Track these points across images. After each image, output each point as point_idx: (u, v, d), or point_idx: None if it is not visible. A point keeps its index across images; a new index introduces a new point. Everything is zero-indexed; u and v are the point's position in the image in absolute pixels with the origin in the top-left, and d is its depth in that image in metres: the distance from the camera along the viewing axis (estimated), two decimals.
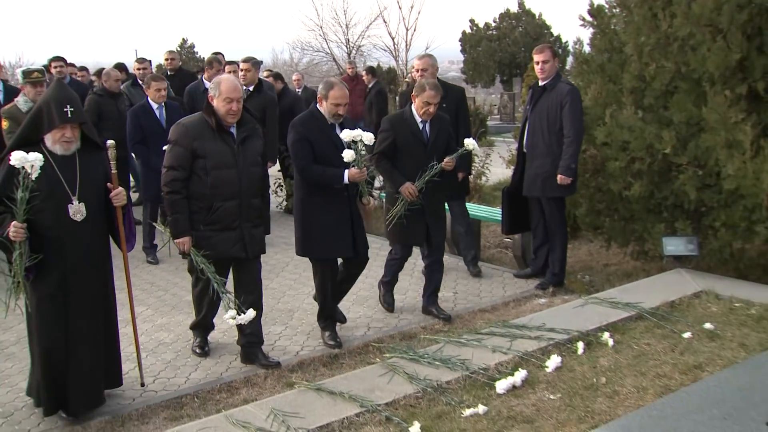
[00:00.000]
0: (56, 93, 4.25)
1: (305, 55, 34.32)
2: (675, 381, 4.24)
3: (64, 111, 4.14)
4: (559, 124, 6.37)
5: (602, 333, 4.93)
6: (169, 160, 4.82)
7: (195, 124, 4.84)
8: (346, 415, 3.82)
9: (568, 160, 6.33)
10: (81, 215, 4.22)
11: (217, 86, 4.80)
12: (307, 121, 5.27)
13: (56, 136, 4.20)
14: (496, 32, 32.35)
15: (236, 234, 4.87)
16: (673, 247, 6.33)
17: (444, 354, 4.53)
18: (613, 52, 7.16)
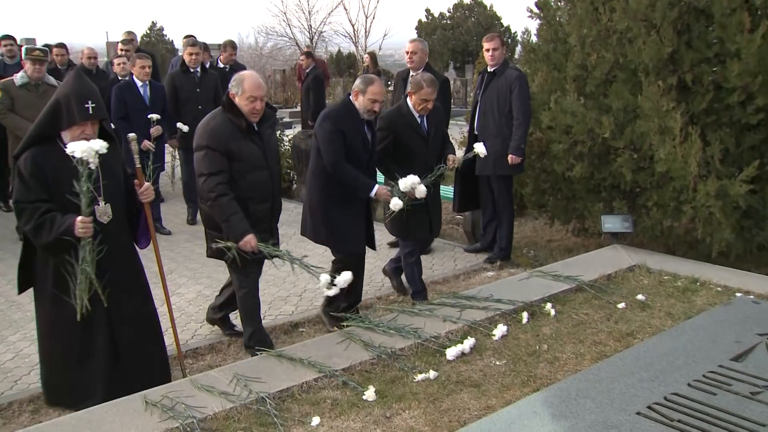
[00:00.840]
0: (77, 86, 3.76)
1: (269, 40, 33.98)
2: (609, 347, 4.32)
3: (86, 107, 3.70)
4: (508, 107, 6.43)
5: (545, 304, 5.00)
6: (206, 166, 4.26)
7: (223, 125, 4.31)
8: (305, 380, 3.82)
9: (518, 140, 6.39)
10: (108, 217, 3.84)
11: (240, 84, 4.31)
12: (342, 113, 4.91)
13: (75, 134, 3.71)
14: (450, 22, 32.28)
15: (267, 234, 4.53)
16: (611, 225, 6.43)
17: (398, 323, 4.54)
18: (558, 42, 7.22)
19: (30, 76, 7.04)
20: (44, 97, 7.11)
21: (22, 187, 3.73)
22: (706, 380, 3.57)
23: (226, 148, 4.25)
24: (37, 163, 3.72)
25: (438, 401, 3.67)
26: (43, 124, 3.81)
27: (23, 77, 7.06)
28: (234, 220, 4.27)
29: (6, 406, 4.09)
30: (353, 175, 4.84)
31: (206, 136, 4.30)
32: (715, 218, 5.78)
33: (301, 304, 5.63)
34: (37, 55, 7.01)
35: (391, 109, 5.62)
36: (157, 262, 4.30)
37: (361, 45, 30.97)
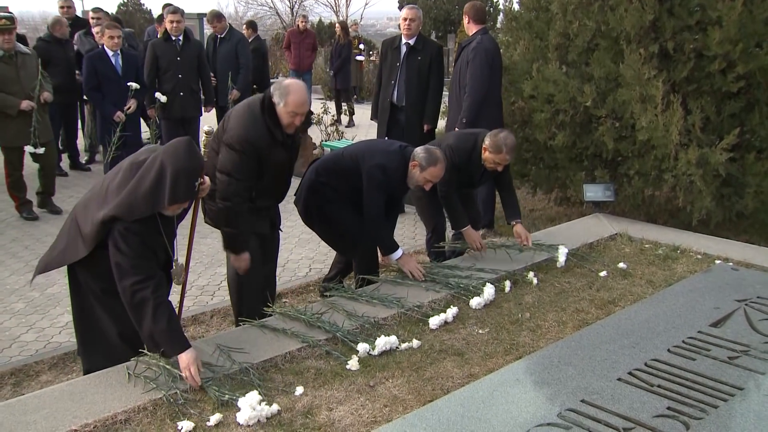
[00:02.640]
0: (187, 163, 3.36)
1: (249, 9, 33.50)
2: (591, 315, 4.36)
3: (193, 185, 3.39)
4: (465, 79, 6.35)
5: (527, 272, 5.02)
6: (236, 170, 4.04)
7: (261, 132, 4.06)
8: (289, 350, 3.81)
9: (462, 114, 6.31)
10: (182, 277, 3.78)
11: (285, 96, 4.03)
12: (396, 177, 4.72)
13: (174, 208, 3.45)
14: None
15: (266, 212, 4.44)
16: (592, 194, 6.45)
17: (381, 293, 4.55)
18: (540, 10, 7.17)
19: (1, 48, 6.78)
20: (24, 68, 6.91)
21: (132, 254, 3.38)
22: (686, 346, 3.62)
23: (259, 154, 4.07)
24: (141, 237, 3.40)
25: (421, 370, 3.68)
26: (150, 198, 3.35)
27: None
28: (237, 235, 4.18)
29: None
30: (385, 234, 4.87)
31: (245, 142, 4.03)
32: (696, 186, 5.81)
33: (283, 275, 5.61)
34: (4, 24, 6.72)
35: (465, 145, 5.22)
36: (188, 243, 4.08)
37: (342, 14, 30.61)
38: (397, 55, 6.93)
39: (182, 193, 3.35)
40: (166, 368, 3.50)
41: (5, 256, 6.19)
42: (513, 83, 7.09)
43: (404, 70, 6.85)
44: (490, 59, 6.28)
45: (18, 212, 7.34)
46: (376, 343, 3.87)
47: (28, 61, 7.02)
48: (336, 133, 10.07)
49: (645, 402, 3.09)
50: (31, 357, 4.34)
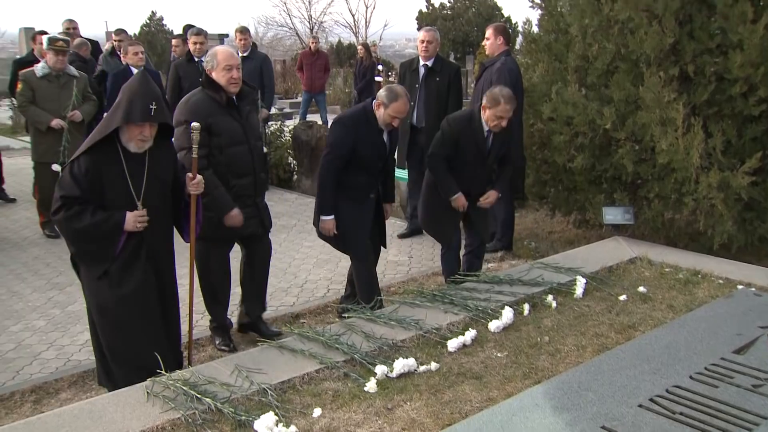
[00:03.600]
0: (143, 87, 3.73)
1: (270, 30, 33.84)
2: (611, 339, 4.31)
3: (149, 108, 3.67)
4: None
5: (546, 295, 4.99)
6: (186, 140, 4.20)
7: (202, 100, 4.39)
8: (307, 371, 3.81)
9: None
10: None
11: (214, 57, 4.41)
12: (358, 119, 4.82)
13: (134, 134, 3.72)
14: (451, 12, 32.17)
15: (252, 210, 4.59)
16: (612, 216, 6.41)
17: (399, 314, 4.53)
18: (559, 32, 7.17)
19: (52, 67, 7.02)
20: (66, 89, 7.12)
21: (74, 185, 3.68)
22: (708, 373, 3.57)
23: (205, 122, 4.26)
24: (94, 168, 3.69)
25: (440, 393, 3.66)
26: (107, 121, 3.74)
27: (44, 68, 7.02)
28: (217, 194, 4.35)
29: (8, 396, 4.08)
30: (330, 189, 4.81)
31: (185, 111, 4.35)
32: (717, 210, 5.76)
33: (302, 295, 5.62)
34: (60, 46, 6.99)
35: (463, 113, 5.40)
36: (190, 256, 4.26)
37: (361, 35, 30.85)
38: (416, 76, 6.97)
39: (138, 113, 3.63)
40: (184, 389, 3.50)
41: (27, 273, 6.25)
42: (532, 105, 7.09)
43: (423, 91, 6.87)
44: (514, 80, 6.33)
45: (41, 229, 7.42)
46: (395, 366, 3.85)
47: (71, 83, 7.21)
48: None
49: (667, 430, 3.04)
50: (51, 374, 4.36)
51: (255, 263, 4.88)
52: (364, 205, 4.96)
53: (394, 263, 6.37)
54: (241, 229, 4.55)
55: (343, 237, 4.95)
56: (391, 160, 5.12)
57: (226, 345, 4.80)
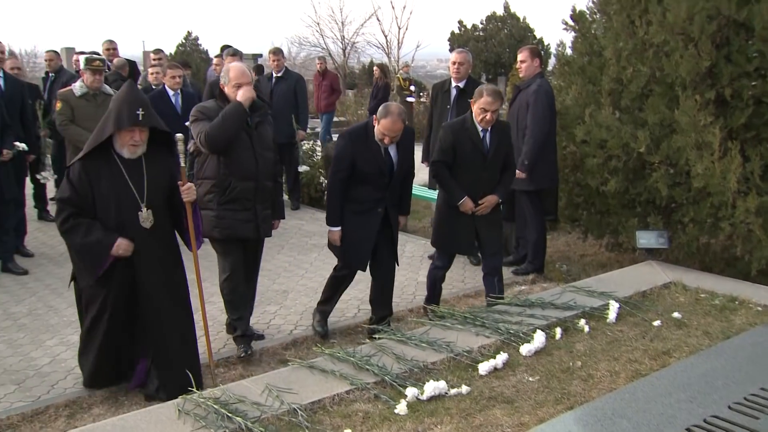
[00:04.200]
0: (129, 95, 4.02)
1: (303, 50, 34.15)
2: (645, 366, 4.24)
3: (136, 113, 3.92)
4: (525, 121, 6.36)
5: (578, 320, 4.92)
6: (198, 129, 4.59)
7: (213, 109, 4.68)
8: (337, 392, 3.79)
9: (523, 156, 6.31)
10: (149, 222, 4.06)
11: (227, 74, 4.71)
12: (359, 134, 4.94)
13: (125, 139, 3.97)
14: (483, 33, 32.22)
15: (249, 214, 4.76)
16: (645, 240, 6.32)
17: (430, 336, 4.50)
18: (593, 55, 7.14)
19: (89, 86, 7.14)
20: (103, 107, 7.21)
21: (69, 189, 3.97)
22: (748, 403, 3.47)
23: (210, 119, 4.57)
24: (87, 173, 3.96)
25: (471, 417, 3.62)
26: (99, 129, 4.02)
27: (82, 87, 7.15)
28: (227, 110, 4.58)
29: (42, 410, 4.12)
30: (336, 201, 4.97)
31: (197, 111, 4.70)
32: (755, 235, 5.66)
33: (332, 315, 5.60)
34: (96, 66, 7.13)
35: (457, 118, 5.54)
36: (195, 269, 4.34)
37: (393, 56, 30.98)
38: (448, 97, 6.97)
39: (125, 119, 3.90)
40: (215, 407, 3.51)
41: (63, 288, 6.33)
42: (565, 128, 7.05)
43: (454, 112, 6.87)
44: (551, 102, 6.33)
45: None
46: (425, 388, 3.82)
47: (108, 102, 7.30)
48: None
49: None
50: (85, 390, 4.40)
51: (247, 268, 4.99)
52: (369, 218, 5.00)
53: (425, 285, 6.33)
54: (237, 231, 4.73)
55: (343, 248, 5.05)
56: (408, 175, 5.18)
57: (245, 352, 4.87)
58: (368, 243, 5.04)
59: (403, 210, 5.31)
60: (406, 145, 5.02)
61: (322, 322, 5.30)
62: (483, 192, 5.25)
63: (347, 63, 32.74)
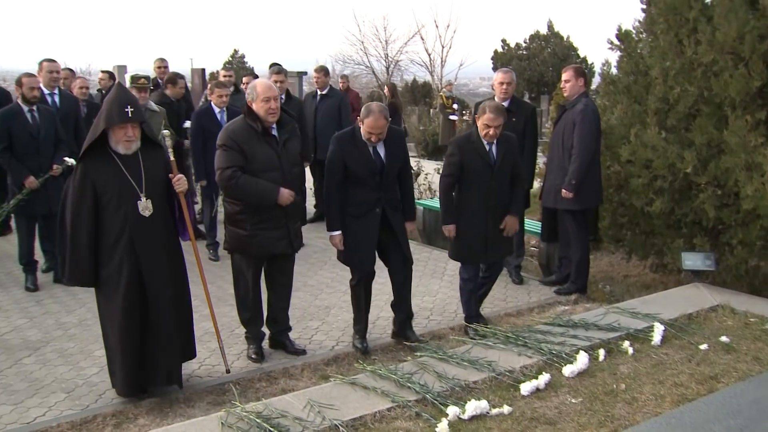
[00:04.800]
0: (118, 94, 4.27)
1: (346, 68, 34.41)
2: (692, 390, 4.14)
3: (125, 110, 4.16)
4: (571, 141, 6.29)
5: (622, 341, 4.84)
6: (222, 162, 4.70)
7: (241, 128, 4.75)
8: (378, 409, 3.79)
9: (570, 175, 6.24)
10: (149, 211, 4.28)
11: (254, 89, 4.74)
12: (346, 137, 5.09)
13: (119, 135, 4.22)
14: (526, 52, 32.15)
15: (282, 232, 4.86)
16: (692, 262, 6.20)
17: (472, 355, 4.48)
18: (638, 74, 7.06)
19: None
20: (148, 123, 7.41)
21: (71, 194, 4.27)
22: None
23: (240, 148, 4.66)
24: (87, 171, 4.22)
25: None
26: (93, 128, 4.29)
27: None
28: (261, 186, 4.67)
29: (90, 418, 4.20)
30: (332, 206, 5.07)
31: (224, 137, 4.74)
32: None
33: (373, 332, 5.60)
34: (141, 83, 7.33)
35: (462, 134, 5.69)
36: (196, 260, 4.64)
37: (436, 74, 31.07)
38: None
39: (116, 115, 4.14)
40: (257, 421, 3.53)
41: None
42: (609, 147, 6.97)
43: None
44: (597, 122, 6.27)
45: None
46: (467, 407, 3.79)
47: (155, 117, 7.51)
48: (428, 191, 10.13)
49: None
50: (131, 400, 4.46)
51: (277, 283, 5.13)
52: (367, 219, 5.08)
53: None
54: (271, 248, 4.83)
55: (346, 252, 5.14)
56: (406, 176, 5.31)
57: (256, 354, 5.05)
58: (371, 243, 5.13)
59: (408, 215, 5.36)
60: (396, 143, 5.15)
61: (361, 339, 5.32)
62: (494, 202, 5.38)
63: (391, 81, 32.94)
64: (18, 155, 6.48)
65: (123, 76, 12.28)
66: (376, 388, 3.97)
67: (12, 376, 4.75)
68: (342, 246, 5.11)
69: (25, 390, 4.55)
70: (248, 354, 5.10)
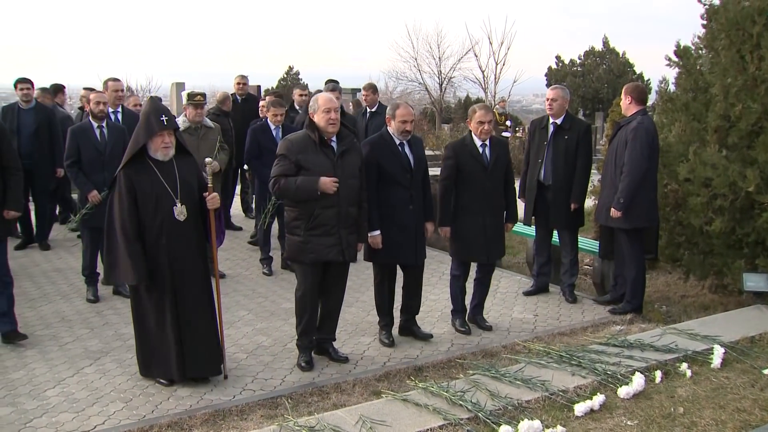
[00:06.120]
0: (153, 106, 4.70)
1: (399, 84, 34.60)
2: (755, 417, 4.01)
3: (161, 119, 4.56)
4: (624, 158, 6.19)
5: (680, 363, 4.73)
6: (276, 171, 4.96)
7: (299, 139, 4.98)
8: (431, 427, 3.77)
9: (619, 194, 6.12)
10: (183, 216, 4.63)
11: (315, 102, 4.98)
12: (376, 141, 5.46)
13: (158, 143, 4.60)
14: (581, 68, 31.87)
15: (334, 239, 4.97)
16: (754, 283, 6.02)
17: (525, 374, 4.43)
18: (698, 91, 6.92)
19: (191, 120, 7.50)
20: (204, 140, 7.59)
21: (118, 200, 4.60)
22: None
23: (296, 158, 4.87)
24: (130, 179, 4.55)
25: None
26: (133, 140, 4.64)
27: (185, 121, 7.48)
28: (301, 182, 4.84)
29: (147, 428, 4.28)
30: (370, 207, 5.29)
31: (283, 147, 4.99)
32: None
33: (426, 348, 5.59)
34: (198, 100, 7.54)
35: (456, 139, 6.19)
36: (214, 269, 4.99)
37: (490, 91, 30.95)
38: (545, 134, 6.88)
39: (155, 125, 4.53)
40: None
41: None
42: (666, 165, 6.83)
43: (551, 148, 6.78)
44: (651, 140, 6.12)
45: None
46: (520, 427, 3.75)
47: (210, 134, 7.71)
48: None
49: None
50: (186, 412, 4.54)
51: (329, 291, 5.23)
52: (404, 216, 5.39)
53: (519, 321, 6.24)
54: (323, 254, 4.96)
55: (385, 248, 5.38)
56: (426, 176, 5.60)
57: (306, 362, 5.14)
58: (410, 237, 5.43)
59: (428, 215, 5.67)
60: (418, 145, 5.58)
61: (387, 334, 5.66)
62: (488, 201, 5.76)
63: (443, 98, 32.94)
64: (85, 170, 6.72)
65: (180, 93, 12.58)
66: (428, 405, 3.96)
67: (74, 384, 4.88)
68: (381, 245, 5.34)
69: (85, 399, 4.67)
70: (298, 362, 5.18)
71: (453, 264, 6.03)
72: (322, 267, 5.08)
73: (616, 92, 6.64)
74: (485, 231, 5.76)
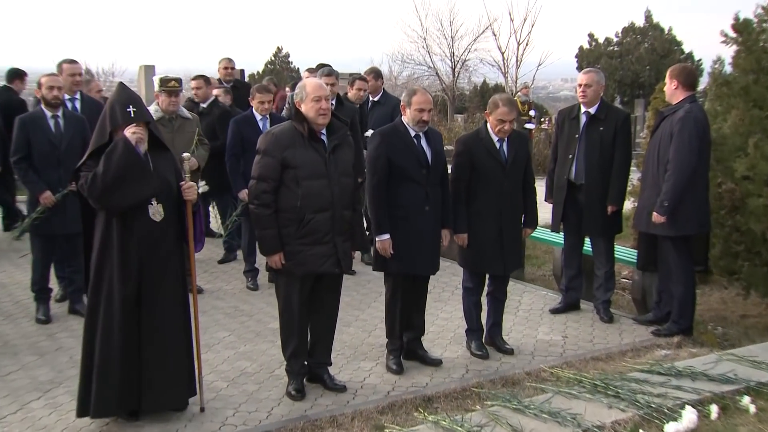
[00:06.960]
0: (119, 95, 4.70)
1: (405, 68, 34.69)
2: None
3: (127, 111, 4.57)
4: (668, 154, 6.14)
5: (741, 397, 4.71)
6: (258, 170, 4.94)
7: (285, 132, 4.96)
8: None
9: (663, 196, 6.08)
10: (159, 215, 4.64)
11: (303, 89, 4.96)
12: (389, 132, 5.51)
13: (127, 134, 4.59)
14: (618, 48, 31.90)
15: (328, 248, 4.97)
16: None
17: (552, 406, 4.42)
18: (760, 72, 6.91)
19: (165, 110, 7.26)
20: (180, 132, 7.32)
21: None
22: None
23: (281, 155, 4.86)
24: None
25: None
26: (98, 133, 4.68)
27: (156, 111, 7.21)
28: (265, 235, 4.93)
29: None
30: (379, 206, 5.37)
31: (265, 141, 4.98)
32: None
33: (436, 375, 5.58)
34: (172, 86, 7.26)
35: (470, 132, 6.14)
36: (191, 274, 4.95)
37: (510, 76, 31.02)
38: (576, 125, 6.85)
39: (118, 116, 4.57)
40: None
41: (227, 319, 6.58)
42: (721, 161, 6.83)
43: (584, 142, 6.76)
44: (701, 131, 6.08)
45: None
46: None
47: (187, 126, 7.49)
48: None
49: None
50: None
51: (322, 308, 5.22)
52: (419, 218, 5.41)
53: (546, 343, 6.22)
54: (315, 266, 4.96)
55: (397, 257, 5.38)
56: (436, 169, 5.52)
57: (296, 391, 5.12)
58: (426, 244, 5.47)
59: (446, 221, 5.69)
60: (436, 138, 5.60)
61: (396, 360, 5.62)
62: (506, 204, 5.76)
63: (456, 84, 32.97)
64: (36, 166, 6.54)
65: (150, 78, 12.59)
66: None
67: (16, 423, 4.77)
68: (391, 250, 5.35)
69: None
70: (288, 391, 5.17)
71: (465, 275, 6.06)
72: (312, 280, 5.07)
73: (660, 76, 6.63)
74: (502, 238, 5.77)
